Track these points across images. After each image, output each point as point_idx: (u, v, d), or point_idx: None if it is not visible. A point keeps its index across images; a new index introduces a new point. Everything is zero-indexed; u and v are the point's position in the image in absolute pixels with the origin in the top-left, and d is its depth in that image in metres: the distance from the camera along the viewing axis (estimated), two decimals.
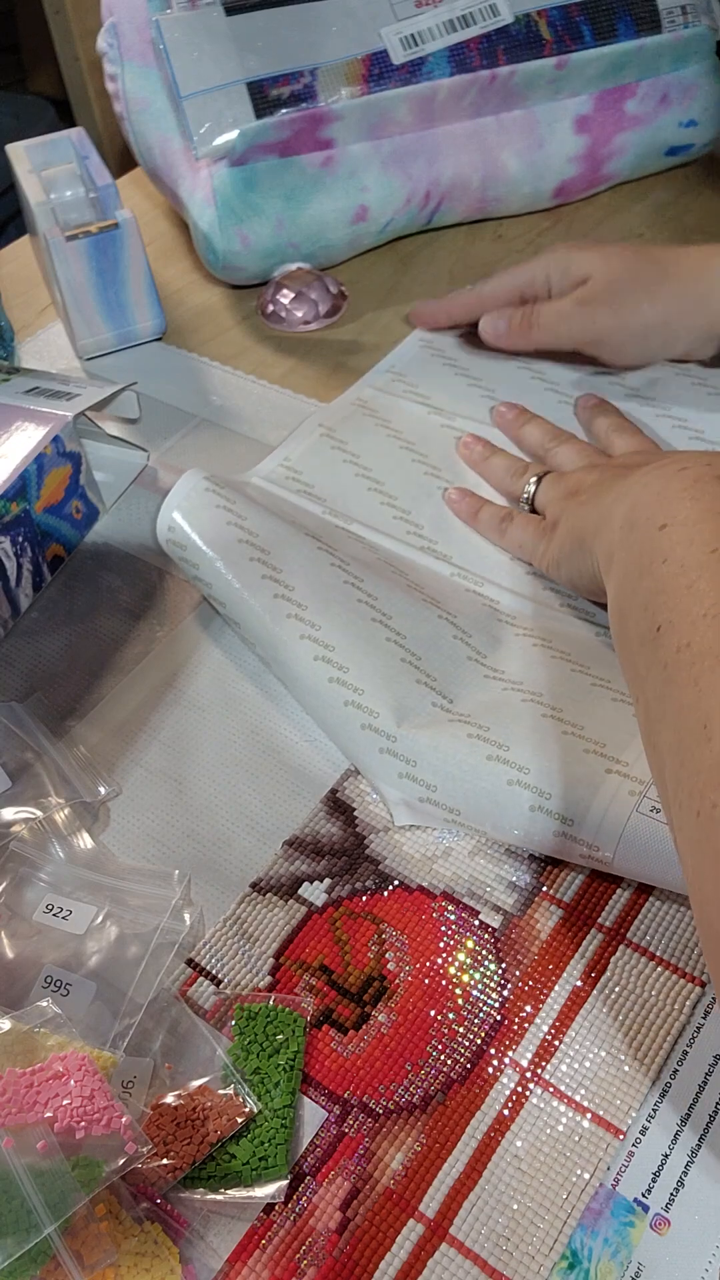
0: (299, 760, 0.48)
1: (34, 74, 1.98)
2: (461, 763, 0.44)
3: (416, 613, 0.50)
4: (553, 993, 0.41)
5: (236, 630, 0.52)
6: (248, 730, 0.50)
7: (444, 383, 0.66)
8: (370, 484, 0.59)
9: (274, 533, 0.52)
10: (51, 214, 0.66)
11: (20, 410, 0.54)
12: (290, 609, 0.49)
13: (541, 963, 0.41)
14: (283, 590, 0.49)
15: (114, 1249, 0.33)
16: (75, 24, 1.50)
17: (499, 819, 0.43)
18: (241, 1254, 0.35)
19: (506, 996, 0.41)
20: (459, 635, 0.50)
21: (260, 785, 0.48)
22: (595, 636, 0.51)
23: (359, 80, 0.67)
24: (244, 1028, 0.39)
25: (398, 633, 0.49)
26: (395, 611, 0.50)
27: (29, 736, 0.49)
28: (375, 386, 0.66)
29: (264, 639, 0.49)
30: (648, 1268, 0.34)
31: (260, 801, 0.47)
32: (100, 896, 0.43)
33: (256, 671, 0.52)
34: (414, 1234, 0.36)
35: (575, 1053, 0.39)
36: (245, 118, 0.66)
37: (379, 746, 0.45)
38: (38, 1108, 0.34)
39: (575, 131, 0.73)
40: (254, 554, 0.51)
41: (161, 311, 0.69)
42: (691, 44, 0.72)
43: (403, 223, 0.74)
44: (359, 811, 0.46)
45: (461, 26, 0.68)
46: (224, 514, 0.52)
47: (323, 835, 0.46)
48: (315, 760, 0.48)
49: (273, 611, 0.49)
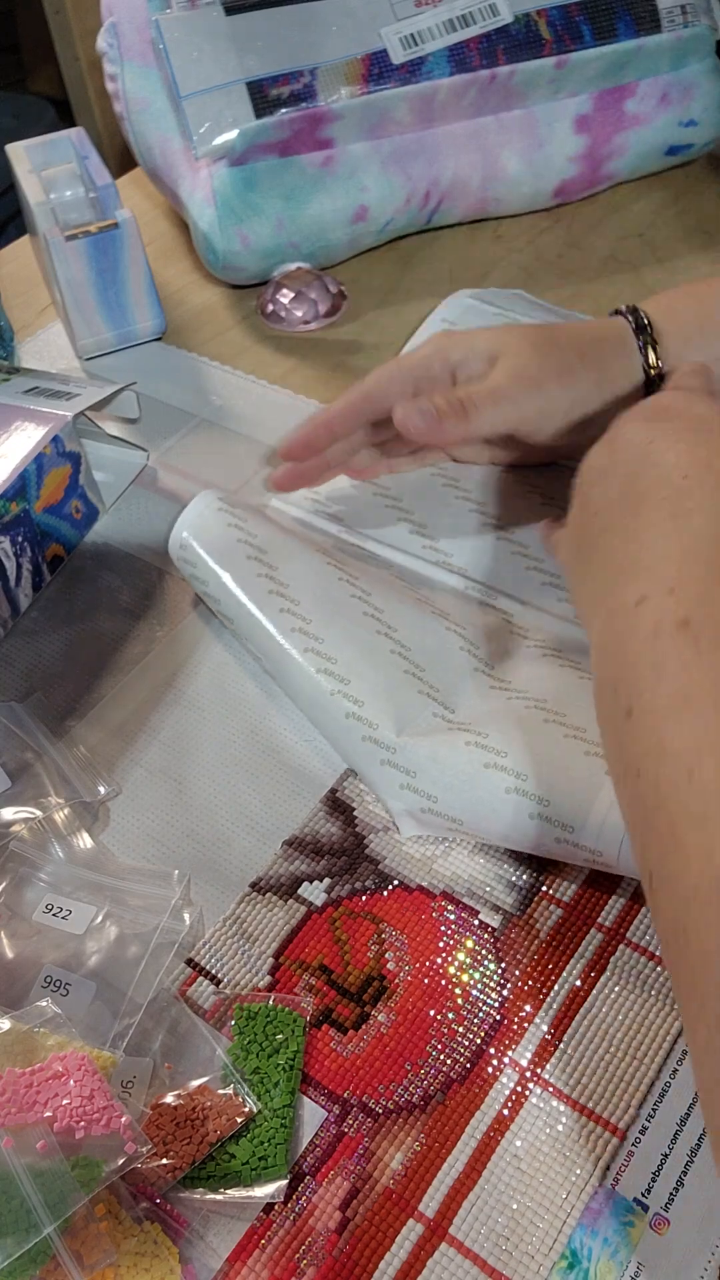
0: (299, 760, 0.48)
1: (34, 74, 1.98)
2: (459, 772, 0.43)
3: (423, 625, 0.50)
4: (552, 992, 0.41)
5: (245, 645, 0.52)
6: (248, 730, 0.50)
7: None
8: (388, 501, 0.59)
9: (283, 549, 0.52)
10: (51, 214, 0.66)
11: (20, 410, 0.54)
12: (295, 623, 0.49)
13: (541, 962, 0.41)
14: (289, 605, 0.49)
15: (114, 1249, 0.33)
16: (75, 24, 1.50)
17: (500, 827, 0.43)
18: (241, 1254, 0.35)
19: (506, 996, 0.41)
20: (466, 646, 0.49)
21: (260, 785, 0.48)
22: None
23: (359, 80, 0.67)
24: (244, 1027, 0.39)
25: (402, 645, 0.49)
26: (401, 624, 0.49)
27: (29, 736, 0.49)
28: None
29: (270, 654, 0.49)
30: (647, 1267, 0.34)
31: (260, 801, 0.47)
32: (100, 896, 0.43)
33: (256, 671, 0.52)
34: (413, 1234, 0.36)
35: (575, 1052, 0.39)
36: (245, 117, 0.66)
37: (380, 758, 0.45)
38: (37, 1107, 0.34)
39: (575, 131, 0.73)
40: (261, 570, 0.51)
41: (161, 311, 0.69)
42: (691, 44, 0.72)
43: (403, 222, 0.74)
44: (359, 811, 0.46)
45: (461, 26, 0.68)
46: (235, 532, 0.52)
47: (322, 835, 0.46)
48: (315, 760, 0.48)
49: (279, 625, 0.49)
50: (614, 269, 0.74)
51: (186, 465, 0.63)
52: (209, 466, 0.62)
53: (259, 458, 0.62)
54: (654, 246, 0.75)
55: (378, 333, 0.70)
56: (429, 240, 0.77)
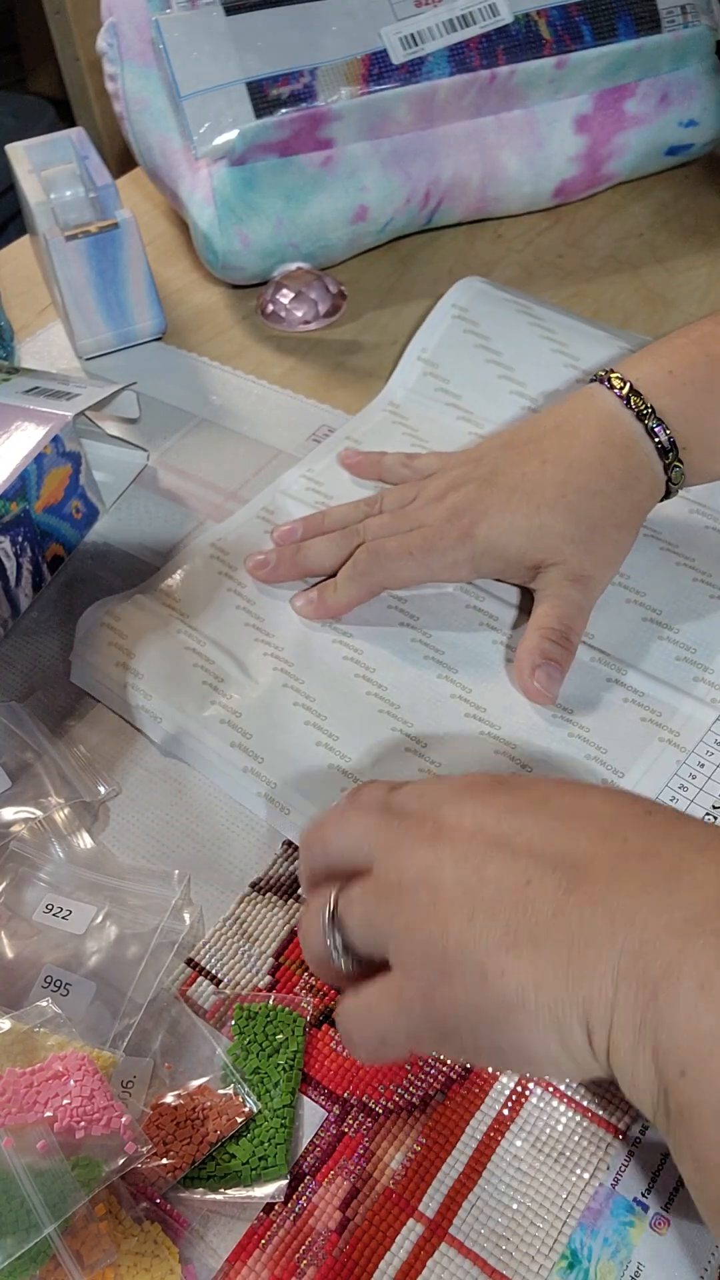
0: None
1: (34, 74, 1.98)
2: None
3: (401, 656, 0.51)
4: None
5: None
6: None
7: (475, 375, 0.64)
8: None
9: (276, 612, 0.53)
10: (51, 214, 0.66)
11: (20, 410, 0.54)
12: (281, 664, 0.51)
13: None
14: (274, 649, 0.51)
15: (114, 1249, 0.33)
16: (75, 24, 1.50)
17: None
18: (241, 1254, 0.35)
19: None
20: (444, 674, 0.50)
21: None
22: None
23: (359, 80, 0.67)
24: (244, 1027, 0.39)
25: (379, 685, 0.50)
26: (379, 663, 0.51)
27: (29, 736, 0.49)
28: (407, 386, 0.65)
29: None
30: (647, 1267, 0.34)
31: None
32: (100, 896, 0.43)
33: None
34: (413, 1234, 0.36)
35: None
36: (245, 117, 0.66)
37: (342, 787, 0.46)
38: (38, 1107, 0.34)
39: (575, 131, 0.73)
40: (250, 619, 0.53)
41: (161, 311, 0.69)
42: (691, 44, 0.72)
43: (402, 222, 0.74)
44: None
45: (461, 26, 0.68)
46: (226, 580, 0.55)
47: None
48: None
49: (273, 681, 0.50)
50: (614, 269, 0.74)
51: (186, 465, 0.63)
52: (209, 466, 0.62)
53: (259, 457, 0.62)
54: (654, 246, 0.75)
55: (378, 333, 0.70)
56: (429, 240, 0.77)
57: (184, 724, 0.48)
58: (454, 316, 0.67)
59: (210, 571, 0.55)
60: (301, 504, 0.58)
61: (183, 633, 0.52)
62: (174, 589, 0.54)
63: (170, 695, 0.49)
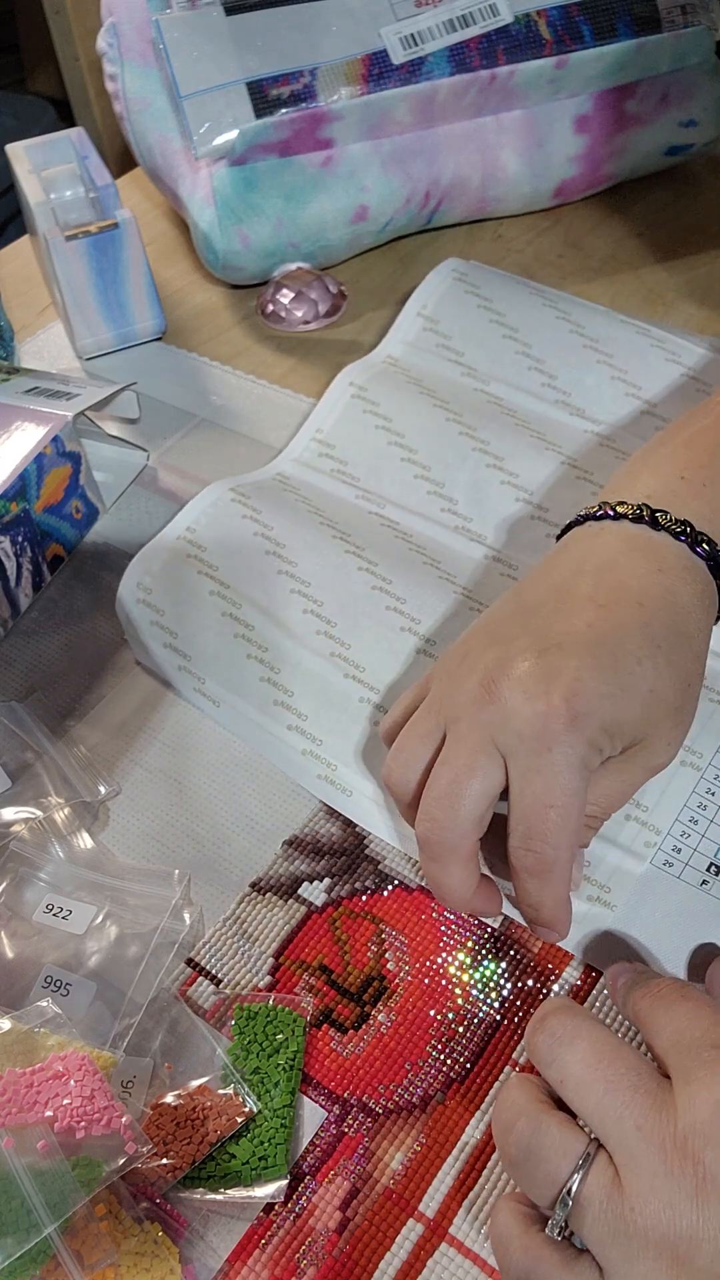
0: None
1: (34, 74, 1.98)
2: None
3: (446, 611, 0.50)
4: (552, 992, 0.41)
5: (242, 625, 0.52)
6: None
7: (478, 333, 0.64)
8: (404, 453, 0.59)
9: (299, 537, 0.53)
10: (51, 214, 0.66)
11: (20, 410, 0.54)
12: (320, 625, 0.50)
13: (541, 962, 0.41)
14: (313, 606, 0.51)
15: (114, 1249, 0.33)
16: (75, 24, 1.50)
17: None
18: (241, 1254, 0.35)
19: (506, 996, 0.41)
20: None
21: (260, 785, 0.48)
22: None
23: (359, 80, 0.67)
24: (244, 1027, 0.39)
25: (427, 639, 0.49)
26: (425, 614, 0.50)
27: (29, 736, 0.49)
28: (406, 341, 0.65)
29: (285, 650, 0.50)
30: None
31: (260, 801, 0.47)
32: (100, 896, 0.43)
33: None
34: (413, 1234, 0.36)
35: None
36: (245, 117, 0.66)
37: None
38: (38, 1107, 0.34)
39: (575, 131, 0.73)
40: (282, 566, 0.52)
41: (161, 311, 0.69)
42: (691, 44, 0.72)
43: (403, 222, 0.74)
44: None
45: (461, 26, 0.68)
46: (251, 524, 0.54)
47: (322, 835, 0.46)
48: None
49: (301, 628, 0.50)
50: (614, 269, 0.74)
51: (186, 465, 0.63)
52: (209, 466, 0.62)
53: (259, 457, 0.62)
54: (654, 246, 0.75)
55: (378, 333, 0.70)
56: (429, 240, 0.77)
57: (242, 708, 0.49)
58: (454, 279, 0.68)
59: (241, 526, 0.55)
60: (314, 470, 0.59)
61: (216, 593, 0.52)
62: (202, 549, 0.54)
63: (224, 678, 0.50)
